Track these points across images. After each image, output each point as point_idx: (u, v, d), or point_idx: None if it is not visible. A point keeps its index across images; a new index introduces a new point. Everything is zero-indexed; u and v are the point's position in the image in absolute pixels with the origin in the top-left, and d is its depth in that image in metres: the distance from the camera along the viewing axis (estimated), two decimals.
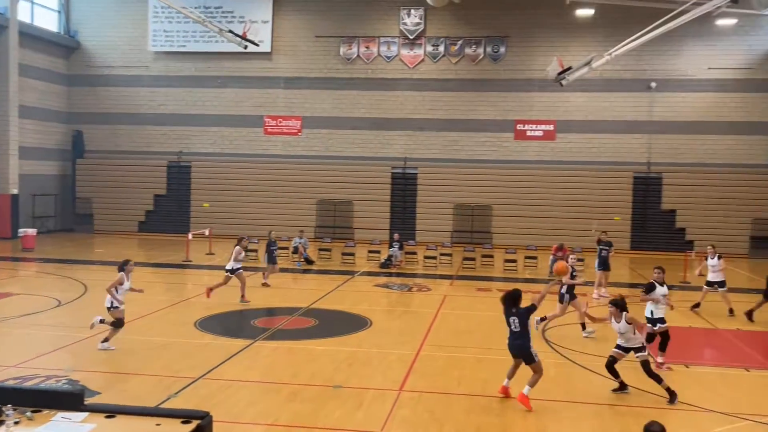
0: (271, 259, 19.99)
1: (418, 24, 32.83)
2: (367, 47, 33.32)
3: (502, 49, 32.33)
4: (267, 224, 31.99)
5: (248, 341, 13.28)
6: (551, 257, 23.46)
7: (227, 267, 16.99)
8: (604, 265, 19.37)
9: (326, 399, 10.06)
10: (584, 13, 30.15)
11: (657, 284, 12.41)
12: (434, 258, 25.15)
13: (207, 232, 28.80)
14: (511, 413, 9.69)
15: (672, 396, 10.18)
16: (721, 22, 29.42)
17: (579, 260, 24.14)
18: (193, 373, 11.03)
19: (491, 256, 25.41)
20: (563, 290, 14.38)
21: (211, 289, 16.91)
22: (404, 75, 33.20)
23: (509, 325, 10.15)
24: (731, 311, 16.61)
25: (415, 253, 26.05)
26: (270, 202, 33.18)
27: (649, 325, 12.22)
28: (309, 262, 24.71)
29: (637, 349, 10.47)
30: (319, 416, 9.39)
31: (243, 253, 17.50)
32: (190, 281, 22.19)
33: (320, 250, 26.23)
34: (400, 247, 24.68)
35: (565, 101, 32.03)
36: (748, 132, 31.00)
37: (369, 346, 13.37)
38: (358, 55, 33.36)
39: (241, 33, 29.34)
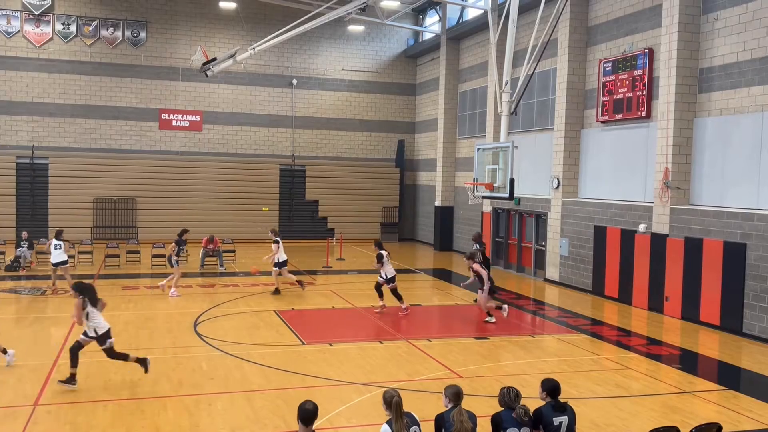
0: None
1: None
2: None
3: (143, 34, 30.83)
4: None
5: None
6: (202, 250, 23.24)
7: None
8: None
9: None
10: (227, 5, 30.30)
11: (384, 255, 16.11)
12: (72, 257, 22.98)
13: None
14: (162, 413, 9.29)
15: (144, 363, 10.56)
16: (352, 27, 32.19)
17: (230, 251, 24.43)
18: None
19: (138, 252, 24.17)
20: None
21: None
22: (30, 54, 29.60)
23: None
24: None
25: (48, 253, 23.47)
26: None
27: (384, 282, 16.08)
28: None
29: (103, 337, 10.29)
30: None
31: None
32: None
33: None
34: (30, 247, 22.09)
35: (212, 92, 31.89)
36: (377, 129, 34.50)
37: None
38: None
39: None
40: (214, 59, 22.60)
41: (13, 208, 29.00)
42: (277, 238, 18.48)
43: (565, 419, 6.52)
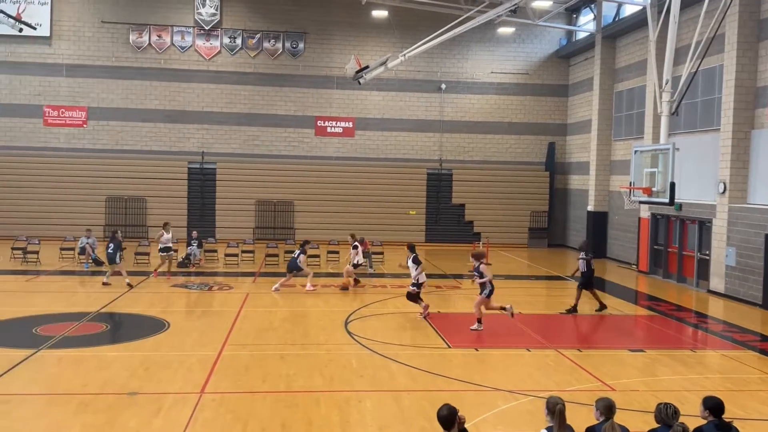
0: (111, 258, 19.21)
1: (213, 15, 31.86)
2: (159, 36, 31.71)
3: (301, 45, 32.41)
4: (50, 223, 29.51)
5: (29, 351, 12.06)
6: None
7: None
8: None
9: (121, 408, 9.43)
10: (379, 14, 31.10)
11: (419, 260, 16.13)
12: (236, 255, 24.58)
13: None
14: (315, 407, 9.71)
15: None
16: (502, 30, 31.89)
17: (378, 253, 25.02)
18: None
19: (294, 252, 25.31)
20: None
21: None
22: (200, 67, 32.08)
23: None
24: None
25: (215, 251, 25.30)
26: (52, 199, 30.46)
27: (414, 287, 15.95)
28: (98, 263, 22.99)
29: None
30: (114, 426, 8.78)
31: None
32: None
33: None
34: (199, 245, 23.84)
35: (363, 99, 32.88)
36: (526, 132, 33.93)
37: (167, 350, 12.74)
38: (150, 44, 31.64)
39: (14, 14, 26.49)
40: (367, 67, 23.29)
41: (185, 209, 31.50)
42: (356, 243, 20.12)
43: None
